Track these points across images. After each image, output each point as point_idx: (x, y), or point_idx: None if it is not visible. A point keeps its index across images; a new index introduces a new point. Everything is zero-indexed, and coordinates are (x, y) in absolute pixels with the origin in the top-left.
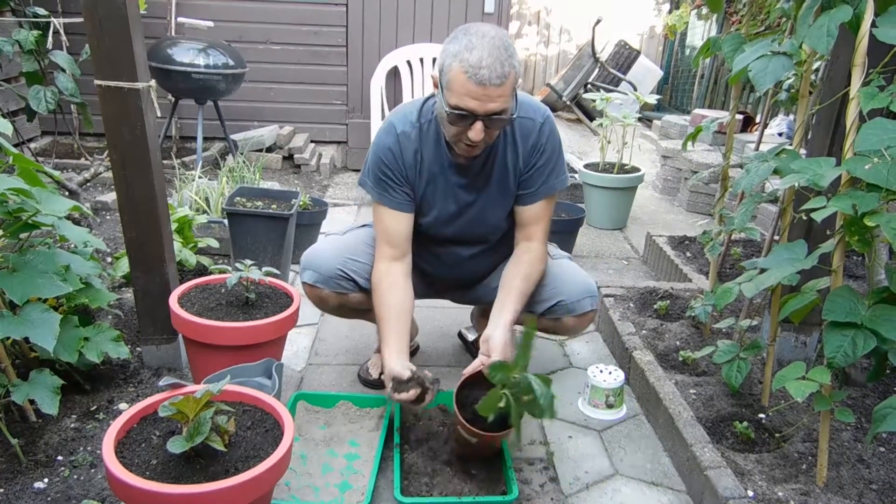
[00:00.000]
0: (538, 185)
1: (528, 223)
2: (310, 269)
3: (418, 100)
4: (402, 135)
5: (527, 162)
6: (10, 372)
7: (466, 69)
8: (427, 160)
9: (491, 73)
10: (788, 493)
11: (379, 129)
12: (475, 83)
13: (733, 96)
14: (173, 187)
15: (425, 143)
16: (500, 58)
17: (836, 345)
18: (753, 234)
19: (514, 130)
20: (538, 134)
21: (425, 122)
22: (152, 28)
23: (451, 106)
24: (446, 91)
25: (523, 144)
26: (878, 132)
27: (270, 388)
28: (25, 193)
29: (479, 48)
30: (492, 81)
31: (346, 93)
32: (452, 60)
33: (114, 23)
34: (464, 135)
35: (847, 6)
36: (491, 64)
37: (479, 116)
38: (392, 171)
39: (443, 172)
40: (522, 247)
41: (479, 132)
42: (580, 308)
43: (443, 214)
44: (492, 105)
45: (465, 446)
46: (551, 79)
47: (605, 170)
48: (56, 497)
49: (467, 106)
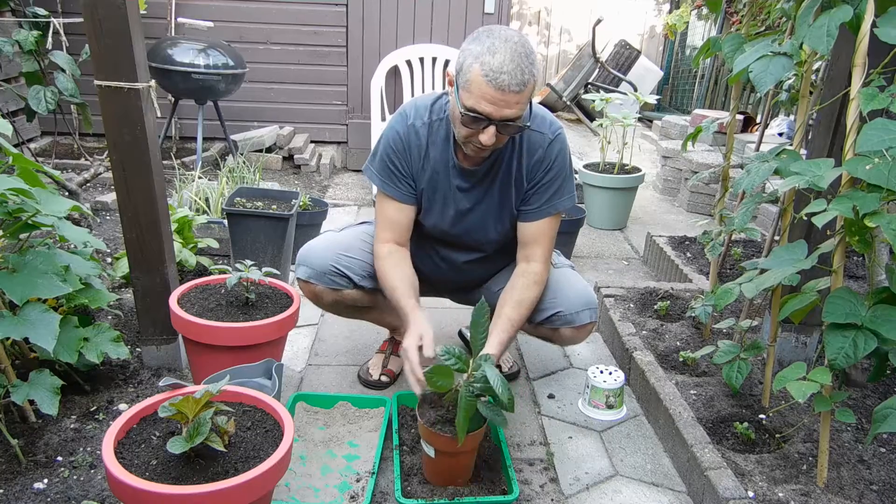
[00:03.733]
0: (541, 202)
1: (529, 242)
2: (304, 264)
3: (431, 95)
4: (412, 127)
5: (531, 176)
6: (9, 372)
7: (487, 73)
8: (433, 158)
9: (511, 79)
10: (789, 494)
11: (393, 116)
12: (494, 87)
13: (733, 97)
14: (173, 187)
15: (433, 142)
16: (522, 65)
17: (837, 346)
18: (754, 234)
19: (523, 142)
20: (546, 149)
21: (436, 119)
22: (152, 28)
23: (466, 107)
24: (463, 91)
25: (528, 157)
26: (879, 132)
27: (270, 388)
28: (25, 194)
29: (501, 52)
30: (511, 88)
31: (346, 93)
32: (473, 61)
33: (114, 23)
34: (474, 137)
35: (847, 6)
36: (512, 70)
37: (493, 121)
38: (399, 161)
39: (446, 173)
40: (520, 269)
41: (490, 136)
42: (579, 320)
43: (440, 216)
44: (508, 111)
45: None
46: (551, 79)
47: (606, 170)
48: (56, 497)
49: (483, 110)
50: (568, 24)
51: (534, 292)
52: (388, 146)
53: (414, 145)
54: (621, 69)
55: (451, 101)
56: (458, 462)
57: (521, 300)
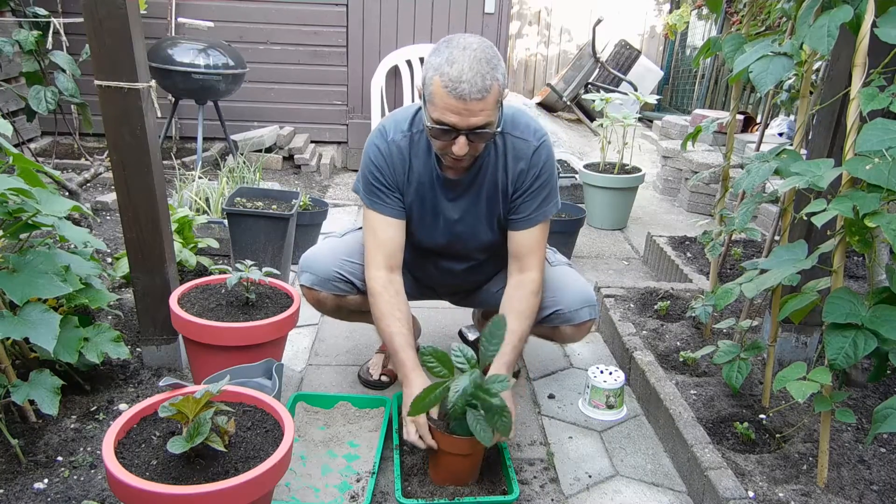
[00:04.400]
0: (531, 210)
1: (523, 254)
2: (307, 271)
3: (411, 107)
4: (393, 142)
5: (517, 183)
6: (10, 372)
7: (447, 83)
8: (416, 170)
9: (471, 87)
10: (789, 494)
11: (370, 135)
12: (455, 98)
13: (734, 96)
14: (173, 187)
15: (415, 154)
16: (482, 71)
17: (838, 346)
18: (754, 234)
19: (507, 150)
20: (532, 157)
21: (416, 131)
22: (152, 28)
23: (433, 120)
24: (429, 104)
25: (514, 165)
26: (879, 132)
27: (270, 388)
28: (25, 194)
29: (459, 61)
30: (472, 96)
31: (346, 93)
32: (434, 73)
33: (114, 23)
34: (448, 148)
35: (848, 6)
36: (471, 78)
37: (461, 131)
38: (383, 177)
39: (431, 185)
40: (515, 280)
41: (462, 146)
42: (578, 318)
43: (431, 228)
44: (474, 119)
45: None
46: (552, 79)
47: (606, 170)
48: (56, 497)
49: (449, 121)
50: (568, 24)
51: (534, 301)
52: (370, 162)
53: (397, 159)
54: (621, 69)
55: (422, 116)
56: (463, 462)
57: (521, 311)
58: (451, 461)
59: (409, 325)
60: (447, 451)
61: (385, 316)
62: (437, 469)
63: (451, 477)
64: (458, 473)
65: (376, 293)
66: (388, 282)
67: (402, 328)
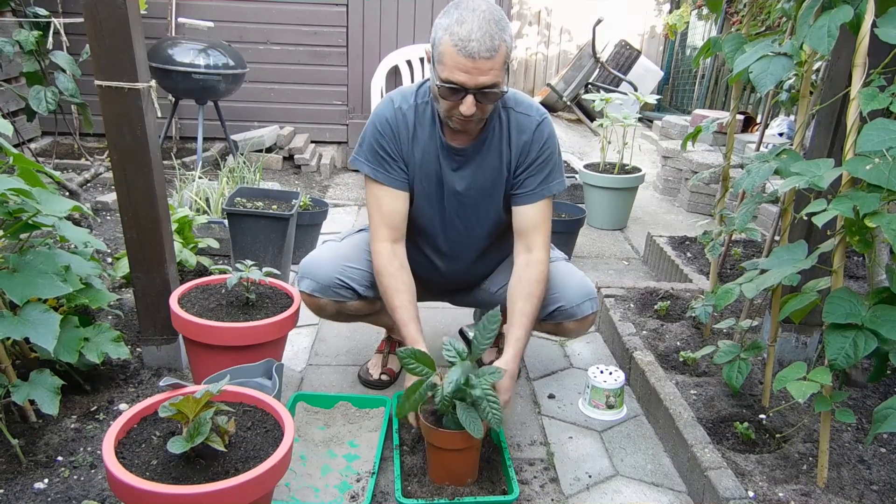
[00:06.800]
0: (536, 184)
1: (528, 230)
2: (308, 277)
3: (415, 83)
4: (399, 110)
5: (522, 157)
6: (10, 372)
7: (456, 42)
8: (421, 140)
9: (481, 45)
10: (789, 494)
11: (378, 103)
12: (465, 56)
13: (734, 97)
14: (173, 187)
15: (420, 122)
16: (490, 31)
17: (838, 346)
18: (754, 234)
19: (510, 124)
20: (534, 131)
21: (422, 102)
22: (152, 28)
23: (441, 79)
24: (437, 65)
25: (517, 138)
26: (879, 132)
27: (271, 388)
28: (26, 194)
29: (468, 21)
30: (481, 54)
31: (346, 93)
32: (443, 34)
33: (114, 23)
34: (455, 109)
35: (848, 6)
36: (480, 37)
37: (469, 90)
38: (388, 144)
39: (435, 154)
40: (523, 260)
41: (470, 106)
42: (581, 312)
43: (433, 202)
44: (482, 78)
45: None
46: (552, 79)
47: (606, 170)
48: (56, 497)
49: (457, 79)
50: (568, 24)
51: (542, 285)
52: (377, 130)
53: (402, 127)
54: (621, 69)
55: (430, 77)
56: (458, 458)
57: (531, 293)
58: (447, 458)
59: (412, 298)
60: (441, 446)
61: (388, 289)
62: (434, 467)
63: (449, 474)
64: (455, 470)
65: (381, 267)
66: (392, 254)
67: (405, 301)
